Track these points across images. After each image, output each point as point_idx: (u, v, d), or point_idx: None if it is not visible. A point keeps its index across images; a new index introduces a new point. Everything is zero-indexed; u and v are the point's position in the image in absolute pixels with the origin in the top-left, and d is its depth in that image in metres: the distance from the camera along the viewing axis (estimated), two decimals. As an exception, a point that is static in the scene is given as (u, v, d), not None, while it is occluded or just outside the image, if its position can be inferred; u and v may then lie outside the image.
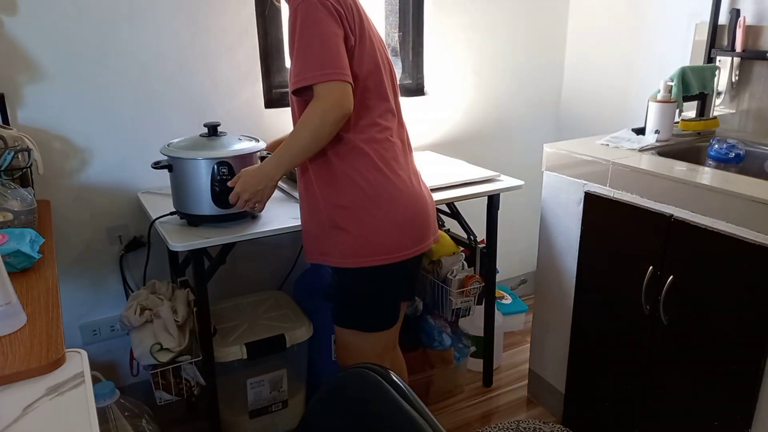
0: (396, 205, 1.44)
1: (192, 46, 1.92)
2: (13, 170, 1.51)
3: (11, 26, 1.69)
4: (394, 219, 1.44)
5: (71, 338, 1.99)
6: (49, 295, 1.10)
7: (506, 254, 2.62)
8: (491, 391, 2.26)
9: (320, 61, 1.29)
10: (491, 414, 2.13)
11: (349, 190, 1.42)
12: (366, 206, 1.42)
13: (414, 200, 1.48)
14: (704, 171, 1.56)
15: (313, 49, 1.29)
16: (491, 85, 2.53)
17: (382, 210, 1.43)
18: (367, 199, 1.42)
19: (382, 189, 1.43)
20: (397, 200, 1.45)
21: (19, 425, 0.78)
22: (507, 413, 2.13)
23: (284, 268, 2.23)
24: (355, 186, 1.42)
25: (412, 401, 0.77)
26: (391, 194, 1.44)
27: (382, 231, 1.44)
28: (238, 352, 1.76)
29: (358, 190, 1.42)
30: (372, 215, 1.43)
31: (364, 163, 1.42)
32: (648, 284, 1.58)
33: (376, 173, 1.42)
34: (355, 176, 1.41)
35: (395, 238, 1.45)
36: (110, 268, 2.00)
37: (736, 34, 1.92)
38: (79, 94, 1.81)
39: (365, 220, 1.43)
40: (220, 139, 1.63)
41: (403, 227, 1.46)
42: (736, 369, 1.42)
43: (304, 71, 1.30)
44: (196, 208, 1.59)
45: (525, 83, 2.61)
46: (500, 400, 2.21)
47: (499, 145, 2.62)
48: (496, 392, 2.25)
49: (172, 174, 1.61)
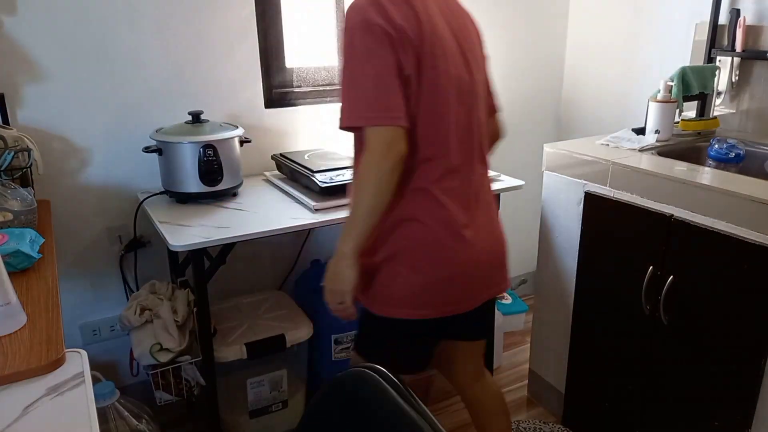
0: (428, 260, 1.26)
1: (192, 46, 1.92)
2: (13, 170, 1.51)
3: (11, 26, 1.69)
4: (420, 274, 1.26)
5: (71, 338, 1.99)
6: (49, 295, 1.10)
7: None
8: (491, 391, 2.26)
9: (369, 101, 1.15)
10: (491, 414, 2.13)
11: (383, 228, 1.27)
12: (393, 254, 1.27)
13: (456, 259, 1.27)
14: (704, 171, 1.56)
15: (362, 85, 1.16)
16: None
17: (406, 263, 1.26)
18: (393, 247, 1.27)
19: (409, 239, 1.26)
20: (429, 255, 1.26)
21: (19, 425, 0.78)
22: (507, 413, 2.13)
23: (284, 268, 2.23)
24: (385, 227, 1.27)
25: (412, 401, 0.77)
26: (423, 247, 1.25)
27: (401, 282, 1.27)
28: (238, 352, 1.76)
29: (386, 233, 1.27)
30: (398, 264, 1.27)
31: (400, 209, 1.25)
32: (648, 284, 1.58)
33: (411, 221, 1.25)
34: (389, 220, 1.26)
35: (414, 294, 1.27)
36: (110, 268, 2.00)
37: (736, 34, 1.92)
38: (79, 94, 1.81)
39: (388, 267, 1.28)
40: (203, 126, 1.81)
41: (430, 285, 1.27)
42: (736, 369, 1.42)
43: (350, 110, 1.18)
44: (184, 186, 1.78)
45: (525, 83, 2.61)
46: (500, 400, 2.21)
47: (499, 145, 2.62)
48: (496, 392, 2.25)
49: (161, 157, 1.78)
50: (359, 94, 1.16)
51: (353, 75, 1.17)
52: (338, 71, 1.19)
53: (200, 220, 1.66)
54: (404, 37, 1.15)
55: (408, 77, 1.17)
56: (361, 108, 1.16)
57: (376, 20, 1.14)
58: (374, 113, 1.15)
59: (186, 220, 1.66)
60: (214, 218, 1.68)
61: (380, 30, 1.14)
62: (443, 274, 1.27)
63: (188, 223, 1.64)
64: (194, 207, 1.78)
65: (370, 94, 1.15)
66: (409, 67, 1.17)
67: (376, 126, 1.15)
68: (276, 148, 2.11)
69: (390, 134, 1.15)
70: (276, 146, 2.12)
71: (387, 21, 1.14)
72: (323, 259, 2.18)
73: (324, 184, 1.72)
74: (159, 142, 1.76)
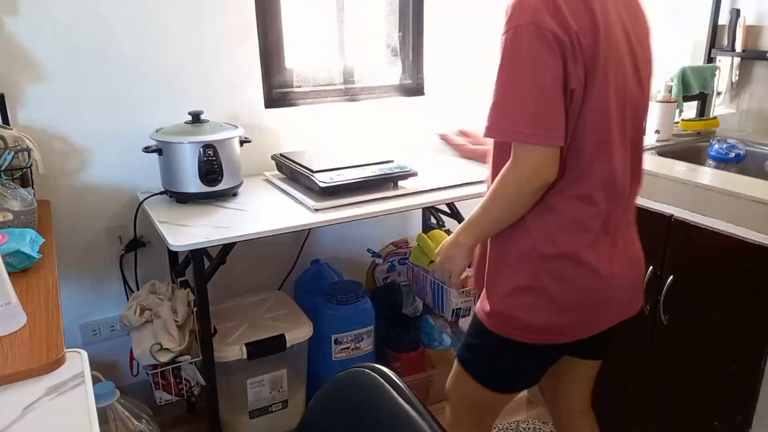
0: (576, 301, 1.17)
1: (192, 47, 1.92)
2: (13, 170, 1.51)
3: (12, 26, 1.69)
4: (565, 314, 1.17)
5: (71, 338, 1.99)
6: (49, 295, 1.10)
7: (506, 254, 2.62)
8: (491, 391, 2.26)
9: (527, 114, 1.03)
10: (491, 414, 2.13)
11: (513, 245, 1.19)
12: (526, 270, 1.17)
13: (601, 294, 1.18)
14: (704, 171, 1.56)
15: (521, 94, 1.03)
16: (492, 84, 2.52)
17: (553, 302, 1.17)
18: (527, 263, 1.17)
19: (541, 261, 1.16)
20: (577, 297, 1.17)
21: (19, 425, 0.78)
22: (507, 414, 2.13)
23: (284, 268, 2.23)
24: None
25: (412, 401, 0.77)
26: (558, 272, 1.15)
27: (541, 316, 1.18)
28: (238, 352, 1.76)
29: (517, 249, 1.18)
30: (541, 299, 1.17)
31: (551, 237, 1.15)
32: (648, 284, 1.58)
33: (563, 259, 1.15)
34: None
35: (555, 327, 1.19)
36: (110, 268, 2.00)
37: (736, 34, 1.92)
38: (79, 94, 1.81)
39: (528, 297, 1.19)
40: (203, 126, 1.80)
41: (573, 322, 1.19)
42: (736, 369, 1.42)
43: (503, 120, 1.06)
44: (184, 186, 1.77)
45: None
46: (500, 400, 2.20)
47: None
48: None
49: (161, 157, 1.78)
50: (517, 105, 1.04)
51: (512, 81, 1.05)
52: (494, 74, 1.07)
53: (200, 220, 1.66)
54: (577, 45, 1.02)
55: (573, 92, 1.04)
56: (517, 121, 1.04)
57: (550, 25, 1.00)
58: (532, 129, 1.03)
59: (186, 220, 1.66)
60: (214, 218, 1.68)
61: (552, 37, 1.00)
62: (588, 312, 1.19)
63: (188, 223, 1.64)
64: (194, 207, 1.78)
65: (530, 107, 1.03)
66: (575, 81, 1.03)
67: (530, 144, 1.04)
68: (276, 148, 2.11)
69: (542, 156, 1.04)
70: (276, 146, 2.12)
71: (561, 26, 1.00)
72: (323, 259, 2.18)
73: (324, 184, 1.72)
74: (159, 142, 1.76)
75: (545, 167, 1.05)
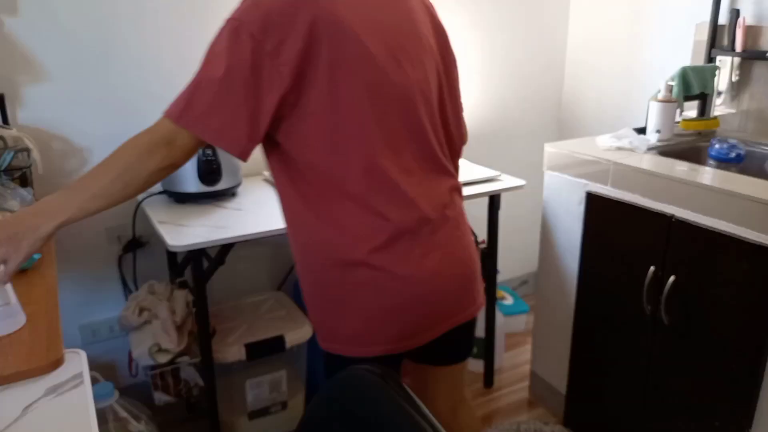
0: (377, 303, 1.11)
1: (192, 47, 1.92)
2: (13, 170, 1.51)
3: (12, 26, 1.69)
4: (363, 307, 1.11)
5: (70, 339, 1.99)
6: (49, 296, 1.10)
7: (507, 254, 2.62)
8: (492, 392, 2.26)
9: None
10: (492, 415, 2.13)
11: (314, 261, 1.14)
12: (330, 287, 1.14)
13: (407, 293, 1.11)
14: (705, 171, 1.55)
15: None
16: (492, 85, 2.52)
17: (354, 308, 1.12)
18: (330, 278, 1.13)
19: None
20: (377, 298, 1.11)
21: (19, 425, 0.78)
22: (508, 414, 2.13)
23: (284, 268, 2.23)
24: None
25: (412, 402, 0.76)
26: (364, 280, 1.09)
27: (341, 316, 1.13)
28: (237, 353, 1.76)
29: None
30: (328, 298, 1.14)
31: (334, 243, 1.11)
32: (649, 284, 1.58)
33: (357, 267, 1.10)
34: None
35: (360, 328, 1.13)
36: (109, 269, 2.00)
37: (736, 34, 1.92)
38: (79, 94, 1.81)
39: (321, 303, 1.17)
40: None
41: (378, 318, 1.12)
42: (737, 369, 1.42)
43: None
44: (183, 186, 1.79)
45: (526, 83, 2.61)
46: (501, 401, 2.20)
47: (500, 145, 2.62)
48: (497, 393, 2.25)
49: None
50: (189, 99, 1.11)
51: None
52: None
53: (199, 220, 1.66)
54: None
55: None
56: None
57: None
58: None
59: (185, 220, 1.66)
60: (213, 218, 1.67)
61: (255, 36, 1.04)
62: (399, 318, 1.12)
63: (187, 223, 1.64)
64: (193, 207, 1.78)
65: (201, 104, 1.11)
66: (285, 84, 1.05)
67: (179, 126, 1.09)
68: (276, 149, 2.11)
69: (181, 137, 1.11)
70: (276, 146, 2.12)
71: (263, 31, 1.04)
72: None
73: (324, 185, 1.71)
74: None
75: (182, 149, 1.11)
